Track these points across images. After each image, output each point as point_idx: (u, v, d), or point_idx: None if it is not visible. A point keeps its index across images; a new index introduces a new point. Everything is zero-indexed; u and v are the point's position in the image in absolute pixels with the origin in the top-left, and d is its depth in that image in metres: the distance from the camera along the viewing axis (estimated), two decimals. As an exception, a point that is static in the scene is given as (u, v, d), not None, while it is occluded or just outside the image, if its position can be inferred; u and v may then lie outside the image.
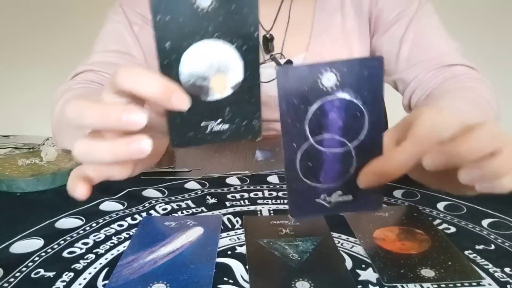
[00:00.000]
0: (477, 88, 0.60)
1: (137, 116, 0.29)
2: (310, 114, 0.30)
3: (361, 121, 0.30)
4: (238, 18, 0.31)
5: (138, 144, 0.30)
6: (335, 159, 0.31)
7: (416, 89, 0.66)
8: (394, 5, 0.68)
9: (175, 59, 0.32)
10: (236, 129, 0.35)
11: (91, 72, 0.65)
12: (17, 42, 1.86)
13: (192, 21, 0.31)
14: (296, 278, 0.30)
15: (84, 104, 0.31)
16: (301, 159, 0.31)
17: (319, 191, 0.32)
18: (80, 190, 0.32)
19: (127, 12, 0.67)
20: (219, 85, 0.33)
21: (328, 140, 0.31)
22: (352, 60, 0.29)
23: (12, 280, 0.31)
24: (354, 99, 0.30)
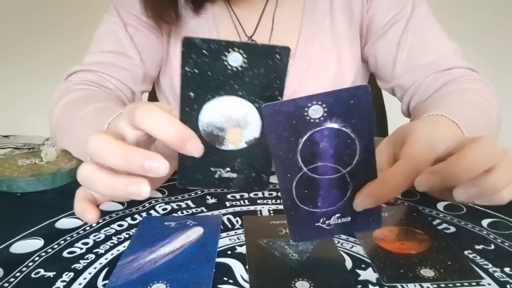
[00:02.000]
0: (478, 90, 0.60)
1: (160, 165, 0.30)
2: (300, 144, 0.30)
3: (352, 147, 0.30)
4: (264, 81, 0.32)
5: (136, 188, 0.31)
6: (331, 185, 0.32)
7: (415, 94, 0.65)
8: (387, 9, 0.66)
9: (197, 108, 0.33)
10: (244, 179, 0.35)
11: (89, 72, 0.65)
12: (17, 43, 1.87)
13: (219, 77, 0.32)
14: (296, 278, 0.30)
15: (109, 143, 0.31)
16: (296, 188, 0.31)
17: (318, 215, 0.33)
18: (91, 216, 0.34)
19: (121, 13, 0.67)
20: (234, 138, 0.34)
21: (322, 167, 0.31)
22: (338, 91, 0.29)
23: (12, 280, 0.31)
24: (343, 128, 0.30)
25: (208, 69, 0.32)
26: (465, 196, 0.30)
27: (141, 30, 0.67)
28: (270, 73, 0.32)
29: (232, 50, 0.31)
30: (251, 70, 0.32)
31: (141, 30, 0.67)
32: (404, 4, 0.66)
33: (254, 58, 0.31)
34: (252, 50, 0.31)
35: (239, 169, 0.35)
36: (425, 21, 0.66)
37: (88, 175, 0.33)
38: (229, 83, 0.32)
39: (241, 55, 0.31)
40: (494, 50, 1.70)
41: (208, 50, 0.31)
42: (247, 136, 0.34)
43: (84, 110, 0.52)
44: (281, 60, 0.32)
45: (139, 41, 0.67)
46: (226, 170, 0.35)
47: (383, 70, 0.69)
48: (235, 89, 0.32)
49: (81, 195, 0.36)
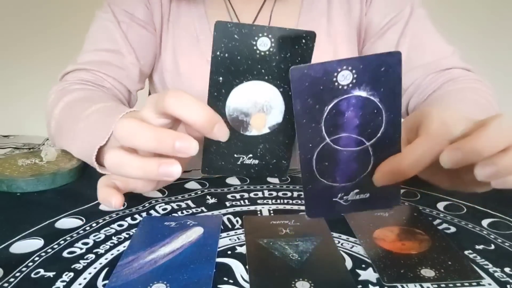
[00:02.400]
0: (478, 89, 0.60)
1: (190, 144, 0.31)
2: (325, 113, 0.29)
3: (378, 118, 0.30)
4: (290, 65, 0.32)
5: (168, 168, 0.32)
6: (352, 158, 0.31)
7: (414, 94, 0.65)
8: (385, 11, 0.67)
9: (224, 93, 0.34)
10: (264, 166, 0.36)
11: (84, 71, 0.65)
12: (17, 43, 1.87)
13: (248, 62, 0.33)
14: (296, 278, 0.30)
15: (138, 126, 0.32)
16: (317, 159, 0.31)
17: (336, 190, 0.32)
18: (117, 200, 0.35)
19: (115, 11, 0.67)
20: (258, 123, 0.35)
21: (345, 139, 0.30)
22: (369, 56, 0.28)
23: (12, 280, 0.31)
24: (371, 96, 0.29)
25: (238, 53, 0.32)
26: (484, 174, 0.30)
27: (134, 27, 0.67)
28: (295, 58, 0.33)
29: (261, 35, 0.32)
30: (278, 55, 0.32)
31: (134, 27, 0.67)
32: (402, 8, 0.67)
33: (281, 42, 0.32)
34: (280, 35, 0.32)
35: (261, 155, 0.36)
36: (423, 24, 0.67)
37: (117, 160, 0.33)
38: (257, 68, 0.33)
39: (270, 40, 0.32)
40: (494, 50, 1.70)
41: (239, 34, 0.32)
42: (270, 122, 0.35)
43: (87, 111, 0.52)
44: (306, 44, 0.32)
45: (133, 38, 0.67)
46: (249, 157, 0.36)
47: None
48: (262, 74, 0.33)
49: (104, 182, 0.37)
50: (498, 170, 0.30)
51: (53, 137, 0.60)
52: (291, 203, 0.44)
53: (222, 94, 0.33)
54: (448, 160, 0.31)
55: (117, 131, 0.32)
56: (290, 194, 0.46)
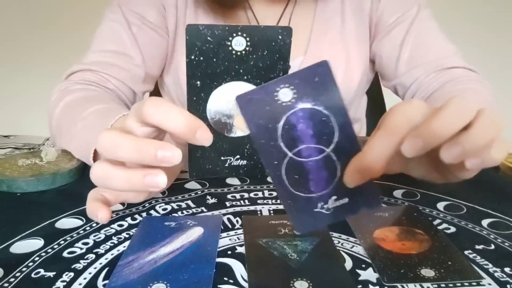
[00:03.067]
0: (478, 90, 0.60)
1: (172, 153, 0.31)
2: (279, 130, 0.30)
3: (329, 124, 0.31)
4: (269, 63, 0.32)
5: (154, 178, 0.31)
6: (319, 167, 0.32)
7: (416, 92, 0.66)
8: (394, 9, 0.68)
9: (204, 96, 0.33)
10: (253, 165, 0.36)
11: (89, 71, 0.65)
12: (16, 42, 1.87)
13: (224, 63, 0.32)
14: (294, 277, 0.30)
15: (119, 137, 0.31)
16: (286, 175, 0.31)
17: (314, 200, 0.32)
18: (103, 214, 0.34)
19: (125, 12, 0.66)
20: (242, 124, 0.34)
21: (305, 150, 0.31)
22: (301, 71, 0.29)
23: (12, 280, 0.31)
24: (315, 106, 0.30)
25: (213, 55, 0.32)
26: (450, 155, 0.30)
27: (144, 29, 0.67)
28: (273, 55, 0.32)
29: (236, 34, 0.31)
30: (255, 53, 0.32)
31: (144, 30, 0.67)
32: (409, 7, 0.68)
33: (257, 40, 0.32)
34: (255, 32, 0.32)
35: (248, 156, 0.35)
36: (428, 24, 0.68)
37: (102, 173, 0.33)
38: (234, 68, 0.32)
39: (245, 39, 0.32)
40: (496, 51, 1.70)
41: (212, 36, 0.31)
42: None
43: (86, 112, 0.52)
44: (283, 40, 0.32)
45: (142, 40, 0.66)
46: (236, 158, 0.35)
47: (386, 69, 0.70)
48: (241, 74, 0.33)
49: (93, 196, 0.37)
50: (465, 149, 0.29)
51: (53, 136, 0.60)
52: (291, 203, 0.44)
53: (201, 98, 0.33)
54: (409, 149, 0.30)
55: (99, 143, 0.32)
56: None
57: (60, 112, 0.57)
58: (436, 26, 0.69)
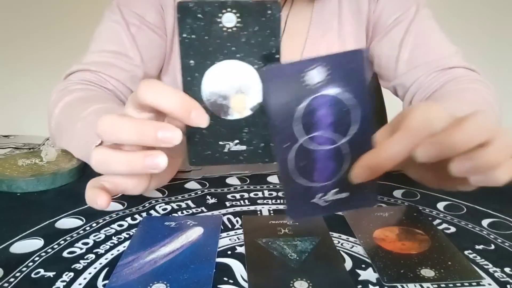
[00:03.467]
0: (479, 90, 0.60)
1: (173, 133, 0.31)
2: (298, 113, 0.29)
3: (350, 116, 0.30)
4: (260, 40, 0.31)
5: (154, 159, 0.31)
6: (328, 157, 0.31)
7: (416, 93, 0.66)
8: (392, 9, 0.68)
9: (198, 77, 0.33)
10: (253, 151, 0.35)
11: (88, 72, 0.65)
12: (16, 42, 1.87)
13: (216, 40, 0.32)
14: (294, 277, 0.30)
15: (118, 120, 0.32)
16: (293, 159, 0.31)
17: (314, 190, 0.32)
18: (102, 200, 0.34)
19: (124, 12, 0.66)
20: (239, 105, 0.34)
21: (319, 137, 0.30)
22: (337, 55, 0.29)
23: (12, 280, 0.31)
24: (341, 94, 0.29)
25: (205, 33, 0.31)
26: (459, 169, 0.30)
27: (144, 30, 0.67)
28: (264, 31, 0.32)
29: (225, 11, 0.31)
30: (246, 30, 0.32)
31: (144, 30, 0.67)
32: (408, 7, 0.68)
33: (247, 16, 0.31)
34: (244, 8, 0.31)
35: (247, 140, 0.35)
36: (428, 23, 0.68)
37: (102, 158, 0.33)
38: (226, 46, 0.32)
39: (235, 15, 0.31)
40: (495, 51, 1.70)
41: (202, 13, 0.31)
42: (251, 102, 0.34)
43: (85, 112, 0.52)
44: (273, 15, 0.31)
45: (141, 41, 0.66)
46: (235, 143, 0.35)
47: (386, 70, 0.70)
48: (233, 52, 0.32)
49: (92, 184, 0.36)
50: (476, 166, 0.30)
51: (53, 136, 0.60)
52: (291, 203, 0.44)
53: (196, 78, 0.33)
54: (422, 154, 0.30)
55: (98, 127, 0.32)
56: (290, 194, 0.46)
57: (60, 112, 0.57)
58: (436, 26, 0.68)
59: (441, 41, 0.67)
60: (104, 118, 0.32)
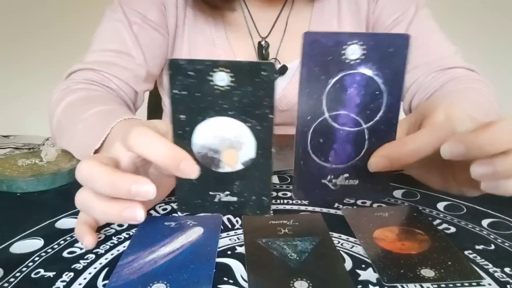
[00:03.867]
0: (479, 89, 0.60)
1: (146, 188, 0.31)
2: (329, 86, 0.29)
3: (379, 101, 0.29)
4: (253, 99, 0.31)
5: (131, 212, 0.32)
6: (348, 139, 0.31)
7: (416, 93, 0.66)
8: (391, 10, 0.68)
9: (189, 130, 0.33)
10: (244, 203, 0.35)
11: (91, 71, 0.64)
12: (17, 42, 1.87)
13: (208, 98, 0.32)
14: (294, 277, 0.30)
15: (95, 170, 0.31)
16: (313, 134, 0.30)
17: (326, 171, 0.31)
18: (88, 241, 0.35)
19: (126, 11, 0.66)
20: (230, 159, 0.33)
21: (343, 116, 0.30)
22: (380, 34, 0.28)
23: (12, 280, 0.31)
24: (375, 77, 0.29)
25: (196, 90, 0.31)
26: (479, 172, 0.31)
27: (146, 28, 0.67)
28: (258, 91, 0.31)
29: (217, 70, 0.31)
30: (239, 89, 0.31)
31: (146, 29, 0.67)
32: (408, 7, 0.67)
33: (240, 76, 0.31)
34: (237, 68, 0.31)
35: (238, 192, 0.34)
36: (427, 23, 0.68)
37: (83, 201, 0.33)
38: (218, 104, 0.32)
39: (227, 74, 0.31)
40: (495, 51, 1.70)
41: (194, 71, 0.31)
42: (242, 157, 0.33)
43: (87, 113, 0.52)
44: (267, 76, 0.30)
45: (143, 40, 0.66)
46: (225, 194, 0.34)
47: None
48: (225, 109, 0.32)
49: (82, 218, 0.37)
50: (495, 171, 0.30)
51: (54, 136, 0.60)
52: (291, 203, 0.44)
53: (186, 132, 0.32)
54: (449, 151, 0.31)
55: (77, 174, 0.32)
56: (290, 194, 0.46)
57: (61, 112, 0.57)
58: (436, 26, 0.68)
59: (441, 41, 0.67)
60: (82, 165, 0.32)
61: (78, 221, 0.37)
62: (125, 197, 0.31)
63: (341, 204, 0.43)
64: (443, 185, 0.38)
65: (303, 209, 0.42)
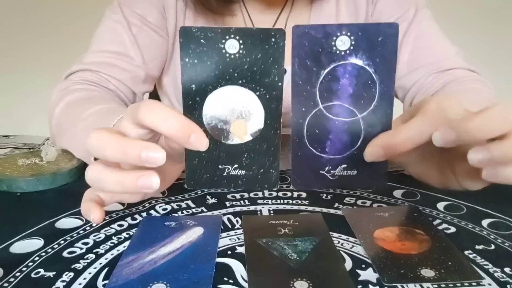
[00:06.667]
0: (480, 90, 0.60)
1: (156, 154, 0.31)
2: (321, 77, 0.29)
3: (372, 90, 0.30)
4: (263, 67, 0.31)
5: (146, 180, 0.32)
6: (343, 129, 0.31)
7: (417, 94, 0.66)
8: (391, 11, 0.68)
9: (199, 101, 0.33)
10: (252, 177, 0.35)
11: (89, 71, 0.64)
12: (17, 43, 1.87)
13: (219, 66, 0.32)
14: (294, 277, 0.30)
15: (106, 137, 0.32)
16: (308, 125, 0.31)
17: (324, 161, 0.32)
18: (95, 215, 0.35)
19: (125, 12, 0.66)
20: (239, 130, 0.34)
21: (337, 107, 0.30)
22: (368, 24, 0.29)
23: (12, 280, 0.31)
24: (367, 66, 0.29)
25: (207, 58, 0.32)
26: (477, 158, 0.30)
27: (145, 30, 0.66)
28: (267, 58, 0.32)
29: (228, 37, 0.31)
30: (248, 56, 0.32)
31: (145, 31, 0.66)
32: (407, 8, 0.67)
33: (250, 43, 0.31)
34: (248, 35, 0.31)
35: (246, 165, 0.35)
36: (427, 25, 0.68)
37: (96, 175, 0.33)
38: (229, 72, 0.32)
39: (238, 41, 0.31)
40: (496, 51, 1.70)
41: (205, 39, 0.31)
42: (251, 128, 0.34)
43: (87, 112, 0.52)
44: (276, 43, 0.31)
45: (142, 41, 0.66)
46: (234, 167, 0.35)
47: None
48: (235, 78, 0.32)
49: (88, 196, 0.37)
50: (492, 157, 0.30)
51: (53, 136, 0.60)
52: (291, 203, 0.44)
53: (197, 102, 0.33)
54: (440, 138, 0.31)
55: (88, 143, 0.32)
56: (290, 194, 0.46)
57: (61, 112, 0.57)
58: (436, 27, 0.68)
59: (441, 42, 0.67)
60: (93, 134, 0.32)
61: (84, 199, 0.36)
62: (135, 163, 0.31)
63: (341, 204, 0.43)
64: (443, 181, 0.38)
65: (303, 209, 0.42)
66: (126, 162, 0.31)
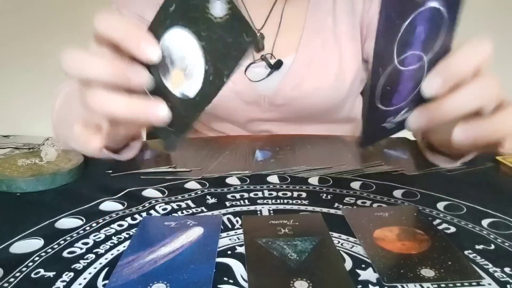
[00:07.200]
0: None
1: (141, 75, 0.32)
2: (402, 30, 0.28)
3: (440, 29, 0.29)
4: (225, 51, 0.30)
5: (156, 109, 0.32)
6: (410, 77, 0.30)
7: None
8: None
9: (168, 24, 0.32)
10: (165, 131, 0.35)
11: None
12: (17, 43, 1.87)
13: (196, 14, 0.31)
14: (294, 277, 0.30)
15: (86, 55, 0.31)
16: (383, 85, 0.30)
17: (388, 114, 0.31)
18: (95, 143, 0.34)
19: (124, 13, 0.67)
20: (175, 80, 0.33)
21: (410, 57, 0.29)
22: None
23: (12, 280, 0.31)
24: (442, 7, 0.28)
25: None
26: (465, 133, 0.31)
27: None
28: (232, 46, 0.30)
29: None
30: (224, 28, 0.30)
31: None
32: None
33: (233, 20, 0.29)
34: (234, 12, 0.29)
35: (171, 123, 0.34)
36: None
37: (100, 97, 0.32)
38: (201, 27, 0.31)
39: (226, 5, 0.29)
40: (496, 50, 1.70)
41: None
42: (184, 88, 0.33)
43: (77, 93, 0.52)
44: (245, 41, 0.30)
45: None
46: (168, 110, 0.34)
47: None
48: (202, 37, 0.31)
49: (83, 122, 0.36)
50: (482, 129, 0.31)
51: (55, 128, 0.61)
52: (291, 203, 0.44)
53: (166, 24, 0.32)
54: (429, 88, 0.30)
55: (63, 62, 0.32)
56: (290, 194, 0.46)
57: (60, 105, 0.58)
58: None
59: None
60: (69, 51, 0.31)
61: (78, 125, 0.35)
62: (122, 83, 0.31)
63: (341, 204, 0.43)
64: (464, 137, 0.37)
65: (303, 209, 0.42)
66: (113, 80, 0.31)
